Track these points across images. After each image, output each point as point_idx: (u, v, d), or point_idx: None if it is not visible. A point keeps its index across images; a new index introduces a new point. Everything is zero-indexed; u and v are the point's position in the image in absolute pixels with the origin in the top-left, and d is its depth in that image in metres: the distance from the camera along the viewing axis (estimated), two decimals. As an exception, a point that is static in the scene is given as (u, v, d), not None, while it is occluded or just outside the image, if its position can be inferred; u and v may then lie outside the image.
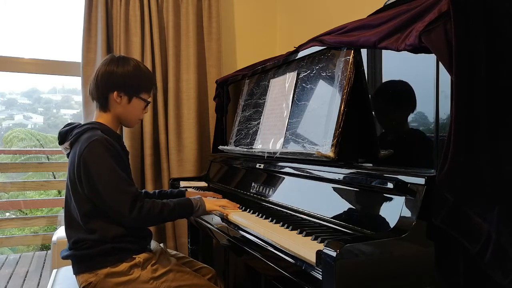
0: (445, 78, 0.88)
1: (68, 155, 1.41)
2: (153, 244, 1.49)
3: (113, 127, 1.43)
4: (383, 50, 1.12)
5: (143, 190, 1.74)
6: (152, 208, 1.30)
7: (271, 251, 1.08)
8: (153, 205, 1.31)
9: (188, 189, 1.77)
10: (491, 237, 0.83)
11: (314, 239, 0.99)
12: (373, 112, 1.14)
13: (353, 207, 1.08)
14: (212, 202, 1.45)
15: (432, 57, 0.92)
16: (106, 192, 1.26)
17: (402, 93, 1.07)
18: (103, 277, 1.28)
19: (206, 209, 1.42)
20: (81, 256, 1.31)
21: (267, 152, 1.47)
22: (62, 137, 1.42)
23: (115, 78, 1.38)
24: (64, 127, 1.43)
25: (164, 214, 1.33)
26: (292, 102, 1.44)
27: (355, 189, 1.08)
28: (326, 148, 1.16)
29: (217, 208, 1.42)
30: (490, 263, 0.83)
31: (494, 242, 0.82)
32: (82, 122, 1.45)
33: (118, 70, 1.38)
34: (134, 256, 1.32)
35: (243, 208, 1.43)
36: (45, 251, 4.17)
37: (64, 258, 1.36)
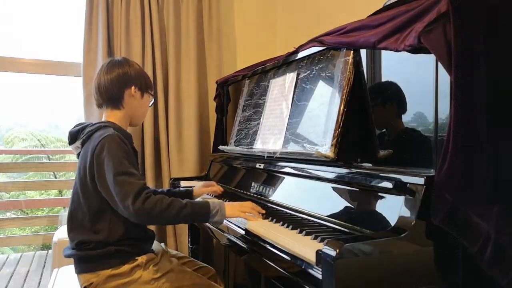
0: (444, 78, 0.88)
1: (78, 155, 1.40)
2: (155, 245, 1.49)
3: (124, 126, 1.45)
4: (382, 51, 1.12)
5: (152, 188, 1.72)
6: (159, 202, 1.20)
7: (271, 250, 1.09)
8: (161, 199, 1.21)
9: (193, 187, 1.75)
10: (490, 237, 0.83)
11: (314, 239, 0.99)
12: (372, 112, 1.14)
13: (353, 207, 1.08)
14: (235, 207, 1.29)
15: (431, 58, 0.92)
16: (114, 184, 1.22)
17: (402, 93, 1.07)
18: (105, 278, 1.28)
19: (227, 215, 1.28)
20: (84, 257, 1.31)
21: (267, 152, 1.47)
22: (73, 137, 1.40)
23: (131, 75, 1.44)
24: (74, 127, 1.43)
25: (172, 211, 1.21)
26: (292, 102, 1.44)
27: (355, 189, 1.09)
28: (325, 148, 1.16)
29: (241, 215, 1.28)
30: (489, 263, 0.83)
31: (493, 242, 0.83)
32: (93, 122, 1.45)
33: (131, 69, 1.45)
34: (136, 258, 1.32)
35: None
36: (46, 251, 4.17)
37: (67, 256, 1.35)
